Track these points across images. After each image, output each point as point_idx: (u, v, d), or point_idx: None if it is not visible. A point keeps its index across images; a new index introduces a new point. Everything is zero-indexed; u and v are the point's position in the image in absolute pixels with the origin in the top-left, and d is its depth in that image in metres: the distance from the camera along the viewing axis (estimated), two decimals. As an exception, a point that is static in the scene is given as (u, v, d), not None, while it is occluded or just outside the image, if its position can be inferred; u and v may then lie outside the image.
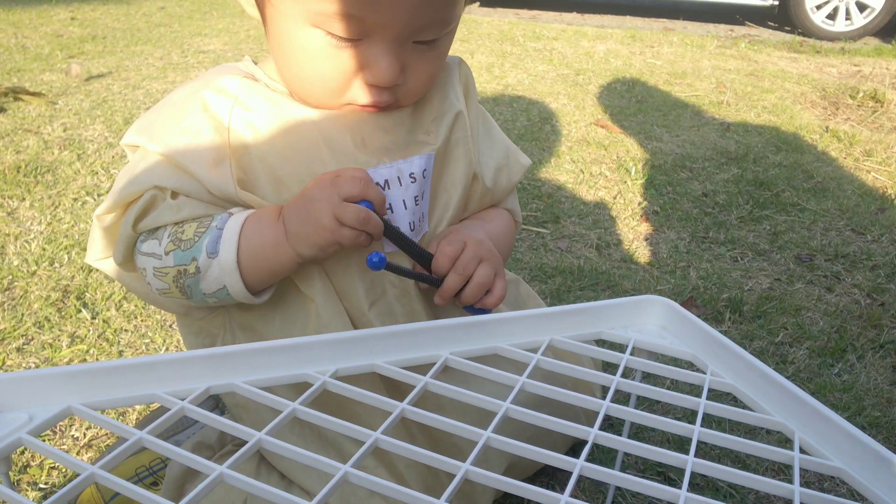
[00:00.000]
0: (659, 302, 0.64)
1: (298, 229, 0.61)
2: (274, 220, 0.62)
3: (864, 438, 0.47)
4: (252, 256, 0.63)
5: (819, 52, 3.86)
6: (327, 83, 0.64)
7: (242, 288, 0.63)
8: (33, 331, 1.13)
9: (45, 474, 0.86)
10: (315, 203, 0.60)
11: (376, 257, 0.59)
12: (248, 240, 0.63)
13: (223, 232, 0.63)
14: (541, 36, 3.95)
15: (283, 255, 0.62)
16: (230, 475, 0.40)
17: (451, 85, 0.75)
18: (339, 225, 0.59)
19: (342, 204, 0.59)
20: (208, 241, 0.63)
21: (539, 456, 0.46)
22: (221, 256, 0.62)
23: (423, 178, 0.69)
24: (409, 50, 0.63)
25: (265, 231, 0.63)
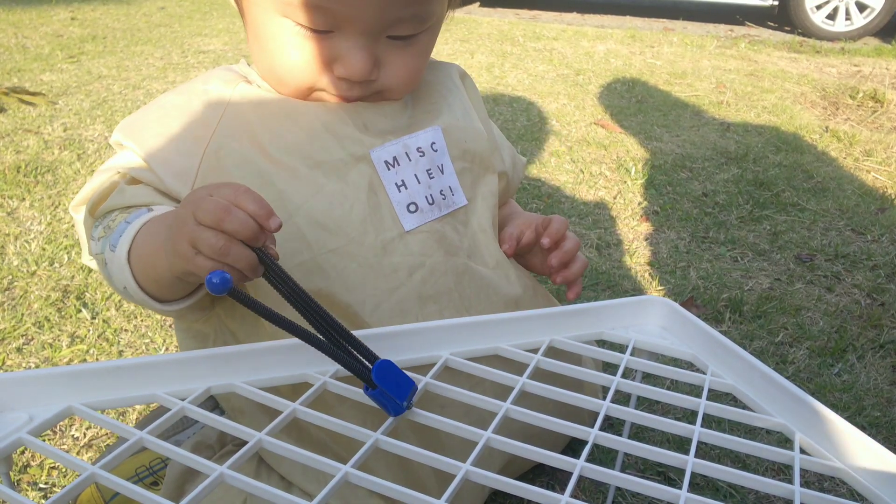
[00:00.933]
0: (659, 302, 0.64)
1: (167, 245, 0.52)
2: (162, 224, 0.56)
3: (864, 439, 0.47)
4: (138, 259, 0.58)
5: (819, 53, 3.86)
6: (298, 74, 0.63)
7: (138, 290, 0.58)
8: (33, 331, 1.13)
9: (46, 474, 0.86)
10: (175, 220, 0.51)
11: (217, 277, 0.43)
12: (139, 241, 0.58)
13: (129, 227, 0.59)
14: (541, 36, 3.95)
15: (161, 264, 0.54)
16: (231, 475, 0.40)
17: (451, 80, 0.76)
18: (194, 252, 0.49)
19: (199, 227, 0.48)
20: (114, 233, 0.60)
21: (539, 456, 0.46)
22: (117, 252, 0.59)
23: (432, 151, 0.69)
24: (384, 45, 0.63)
25: (153, 234, 0.57)
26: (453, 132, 0.71)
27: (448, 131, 0.71)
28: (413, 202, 0.67)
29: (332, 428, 0.46)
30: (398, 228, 0.65)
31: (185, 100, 0.68)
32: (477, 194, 0.72)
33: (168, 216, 0.57)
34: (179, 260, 0.50)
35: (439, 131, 0.70)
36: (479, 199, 0.73)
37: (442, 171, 0.69)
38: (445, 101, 0.73)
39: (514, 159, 0.82)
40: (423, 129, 0.69)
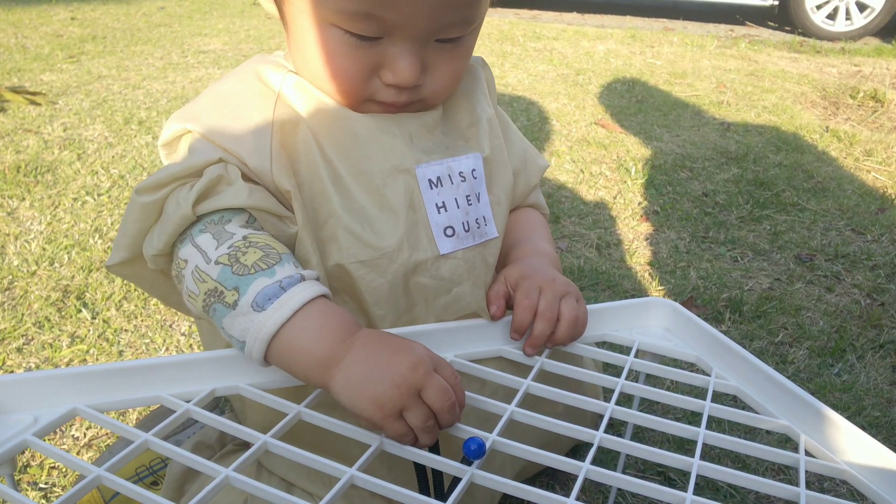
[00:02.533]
0: (663, 304, 0.64)
1: (355, 377, 0.50)
2: (339, 336, 0.53)
3: (869, 441, 0.47)
4: (288, 347, 0.53)
5: (819, 52, 3.86)
6: (346, 81, 0.62)
7: (261, 358, 0.53)
8: (33, 331, 1.13)
9: (46, 474, 0.86)
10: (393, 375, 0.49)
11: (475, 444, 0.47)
12: (297, 331, 0.53)
13: (283, 295, 0.53)
14: (541, 36, 3.95)
15: (314, 376, 0.52)
16: (236, 478, 0.40)
17: (480, 89, 0.73)
18: (397, 416, 0.49)
19: (417, 400, 0.49)
20: (262, 291, 0.53)
21: (544, 459, 0.46)
22: (263, 318, 0.53)
23: (472, 177, 0.68)
24: (432, 49, 0.61)
25: (322, 339, 0.53)
26: (490, 164, 0.70)
27: (487, 161, 0.70)
28: (451, 226, 0.65)
29: (337, 430, 0.46)
30: (433, 250, 0.64)
31: (239, 85, 0.66)
32: (503, 227, 0.71)
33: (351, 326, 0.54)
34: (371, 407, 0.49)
35: (480, 159, 0.69)
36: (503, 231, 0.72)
37: (479, 200, 0.68)
38: (480, 124, 0.71)
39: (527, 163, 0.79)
40: (465, 155, 0.68)
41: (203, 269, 0.55)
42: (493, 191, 0.71)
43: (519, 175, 0.77)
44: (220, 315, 0.54)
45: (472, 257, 0.67)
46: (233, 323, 0.54)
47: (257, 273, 0.54)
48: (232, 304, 0.54)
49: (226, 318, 0.54)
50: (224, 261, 0.55)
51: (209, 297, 0.55)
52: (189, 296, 0.57)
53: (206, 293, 0.55)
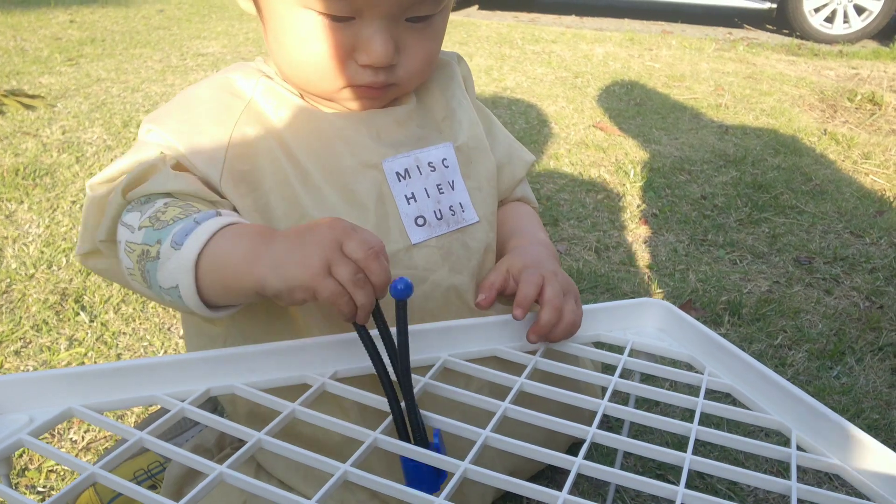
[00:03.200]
0: (657, 305, 0.64)
1: (279, 257, 0.53)
2: (256, 238, 0.56)
3: (860, 435, 0.47)
4: (213, 263, 0.56)
5: (817, 55, 3.87)
6: (321, 65, 0.63)
7: (194, 293, 0.56)
8: (31, 334, 1.13)
9: (44, 477, 0.86)
10: (312, 240, 0.52)
11: (402, 284, 0.49)
12: (217, 244, 0.56)
13: (198, 227, 0.57)
14: (539, 39, 3.95)
15: (246, 275, 0.54)
16: (230, 475, 0.40)
17: (455, 83, 0.75)
18: (326, 273, 0.50)
19: (341, 255, 0.51)
20: (179, 228, 0.57)
21: (537, 455, 0.46)
22: (183, 250, 0.56)
23: (443, 167, 0.69)
24: (403, 28, 0.63)
25: (241, 243, 0.56)
26: (467, 152, 0.72)
27: (460, 150, 0.71)
28: (421, 215, 0.67)
29: (331, 428, 0.46)
30: (405, 241, 0.66)
31: (208, 92, 0.68)
32: (487, 213, 0.73)
33: (265, 230, 0.57)
34: (304, 272, 0.50)
35: (451, 148, 0.70)
36: (489, 217, 0.73)
37: (452, 188, 0.70)
38: (455, 116, 0.73)
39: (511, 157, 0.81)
40: (435, 145, 0.69)
41: (130, 241, 0.58)
42: (472, 177, 0.72)
43: (504, 169, 0.78)
44: (153, 276, 0.57)
45: (448, 244, 0.68)
46: (163, 275, 0.56)
47: (175, 223, 0.57)
48: (156, 255, 0.56)
49: (158, 275, 0.56)
50: (146, 224, 0.58)
51: (141, 263, 0.57)
52: (130, 274, 0.60)
53: (138, 261, 0.58)
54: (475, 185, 0.72)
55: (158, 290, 0.58)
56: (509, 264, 0.67)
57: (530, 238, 0.75)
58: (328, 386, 0.51)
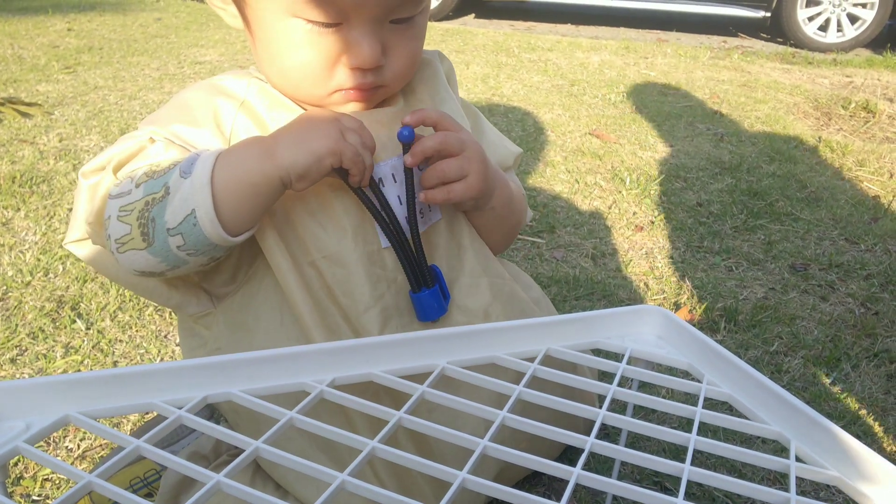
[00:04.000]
0: (655, 312, 0.64)
1: (297, 138, 0.60)
2: (261, 139, 0.62)
3: (860, 447, 0.47)
4: (230, 170, 0.58)
5: (811, 63, 3.89)
6: (312, 71, 0.65)
7: (212, 209, 0.57)
8: (27, 341, 1.13)
9: (39, 486, 0.86)
10: (318, 119, 0.61)
11: (406, 130, 0.64)
12: (227, 155, 0.60)
13: (202, 154, 0.60)
14: (536, 47, 3.97)
15: (268, 165, 0.59)
16: (227, 483, 0.40)
17: (438, 80, 0.77)
18: (343, 139, 0.60)
19: (345, 126, 0.61)
20: (184, 162, 0.60)
21: (536, 464, 0.46)
22: (195, 173, 0.58)
23: (418, 170, 0.70)
24: (388, 30, 0.65)
25: (250, 146, 0.61)
26: None
27: None
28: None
29: (327, 436, 0.46)
30: (377, 244, 0.68)
31: (201, 95, 0.70)
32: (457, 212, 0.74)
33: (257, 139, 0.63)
34: (327, 141, 0.59)
35: None
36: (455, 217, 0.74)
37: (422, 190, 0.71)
38: None
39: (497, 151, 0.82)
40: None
41: (126, 204, 0.60)
42: None
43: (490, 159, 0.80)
44: (160, 219, 0.58)
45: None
46: (174, 209, 0.58)
47: (176, 165, 0.60)
48: (164, 194, 0.58)
49: (167, 213, 0.58)
50: (143, 180, 0.60)
51: (142, 217, 0.59)
52: (122, 244, 0.60)
53: (138, 217, 0.59)
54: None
55: (163, 239, 0.59)
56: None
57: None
58: (326, 394, 0.51)
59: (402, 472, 0.70)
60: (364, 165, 0.61)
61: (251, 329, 0.70)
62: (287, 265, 0.66)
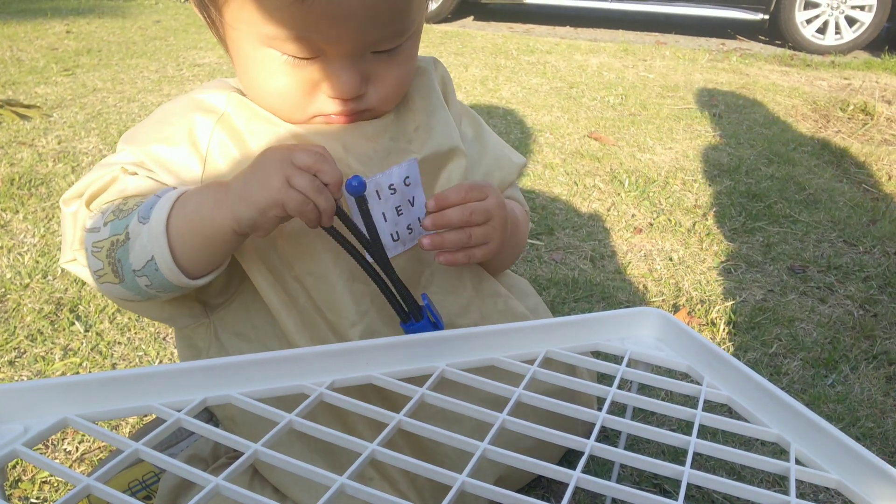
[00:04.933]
0: (655, 314, 0.64)
1: (242, 189, 0.57)
2: (216, 186, 0.60)
3: (861, 451, 0.47)
4: (184, 220, 0.58)
5: (809, 66, 3.90)
6: (290, 99, 0.64)
7: (169, 258, 0.58)
8: (26, 343, 1.13)
9: (37, 489, 0.86)
10: (265, 163, 0.57)
11: (356, 181, 0.57)
12: (183, 204, 0.59)
13: (160, 199, 0.60)
14: (534, 49, 3.97)
15: (219, 217, 0.58)
16: (226, 487, 0.40)
17: (432, 89, 0.74)
18: (287, 186, 0.55)
19: (295, 168, 0.56)
20: (143, 206, 0.59)
21: (535, 467, 0.46)
22: (151, 220, 0.58)
23: (404, 186, 0.68)
24: (370, 60, 0.63)
25: (204, 194, 0.59)
26: (431, 160, 0.71)
27: (425, 161, 0.70)
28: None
29: (327, 439, 0.46)
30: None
31: (180, 107, 0.68)
32: None
33: (215, 185, 0.60)
34: (269, 192, 0.55)
35: (415, 164, 0.69)
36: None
37: (412, 204, 0.69)
38: (428, 124, 0.72)
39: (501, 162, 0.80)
40: (399, 164, 0.68)
41: (97, 241, 0.61)
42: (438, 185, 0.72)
43: (494, 174, 0.78)
44: (125, 261, 0.60)
45: (403, 262, 0.69)
46: (136, 254, 0.59)
47: (139, 206, 0.60)
48: (125, 237, 0.59)
49: (130, 256, 0.59)
50: (110, 218, 0.61)
51: (110, 255, 0.60)
52: (100, 277, 0.62)
53: (107, 255, 0.60)
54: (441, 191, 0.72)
55: (132, 279, 0.60)
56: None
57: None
58: (325, 396, 0.51)
59: (415, 475, 0.69)
60: (315, 212, 0.56)
61: (249, 339, 0.70)
62: (268, 282, 0.65)
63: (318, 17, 0.57)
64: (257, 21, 0.59)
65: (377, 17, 0.59)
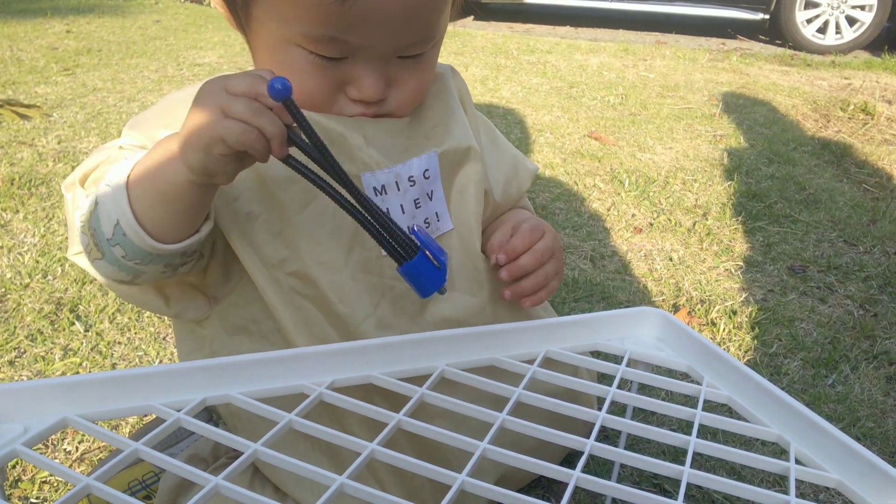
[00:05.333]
0: (655, 314, 0.64)
1: (185, 132, 0.52)
2: (167, 137, 0.55)
3: (860, 450, 0.47)
4: (141, 175, 0.55)
5: (810, 66, 3.90)
6: (312, 98, 0.64)
7: (132, 218, 0.55)
8: (26, 343, 1.13)
9: (37, 489, 0.86)
10: (200, 98, 0.52)
11: (279, 83, 0.47)
12: (142, 162, 0.56)
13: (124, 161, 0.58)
14: (535, 49, 3.97)
15: (171, 167, 0.53)
16: (226, 486, 0.40)
17: (449, 94, 0.75)
18: (223, 116, 0.49)
19: (229, 95, 0.50)
20: (111, 171, 0.57)
21: (535, 467, 0.46)
22: (113, 180, 0.56)
23: (424, 178, 0.69)
24: (395, 65, 0.64)
25: (156, 148, 0.55)
26: (450, 156, 0.71)
27: (445, 155, 0.71)
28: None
29: (327, 439, 0.46)
30: (377, 249, 0.67)
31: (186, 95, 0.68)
32: (467, 218, 0.73)
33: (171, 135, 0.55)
34: (207, 129, 0.49)
35: (435, 157, 0.70)
36: (470, 223, 0.73)
37: (431, 198, 0.70)
38: (446, 123, 0.73)
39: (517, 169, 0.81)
40: (419, 156, 0.69)
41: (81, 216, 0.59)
42: (456, 182, 0.72)
43: (511, 182, 0.79)
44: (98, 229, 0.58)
45: None
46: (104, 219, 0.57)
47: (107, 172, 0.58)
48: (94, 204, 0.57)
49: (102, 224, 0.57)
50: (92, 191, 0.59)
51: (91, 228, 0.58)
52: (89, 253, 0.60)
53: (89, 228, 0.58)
54: (458, 189, 0.72)
55: (108, 250, 0.57)
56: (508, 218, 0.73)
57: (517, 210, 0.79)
58: (325, 396, 0.51)
59: (406, 476, 0.69)
60: (261, 139, 0.50)
61: (250, 332, 0.69)
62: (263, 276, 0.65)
63: (355, 19, 0.57)
64: (290, 18, 0.59)
65: (412, 22, 0.60)
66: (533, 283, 0.69)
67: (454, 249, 0.71)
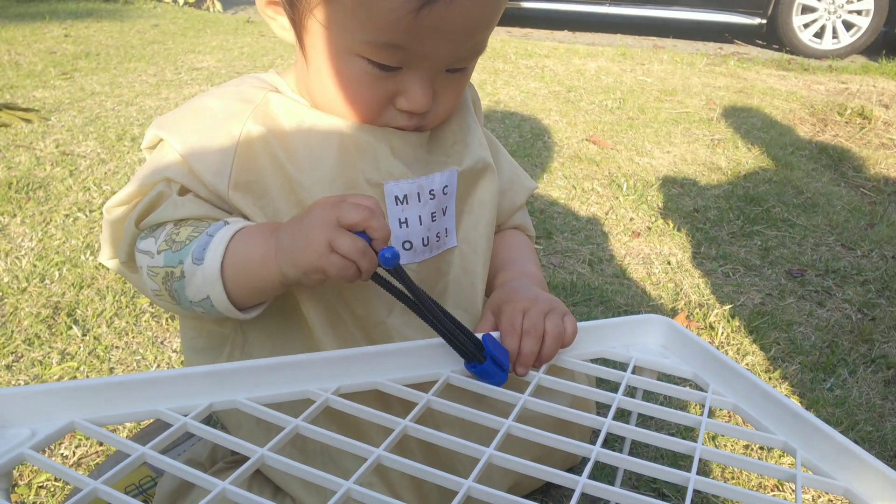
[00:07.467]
0: (660, 321, 0.64)
1: (288, 247, 0.57)
2: (266, 235, 0.60)
3: (868, 458, 0.47)
4: (236, 269, 0.60)
5: (807, 70, 3.91)
6: (363, 108, 0.65)
7: (226, 300, 0.61)
8: (23, 348, 1.12)
9: (34, 493, 0.85)
10: (310, 223, 0.56)
11: (389, 252, 0.53)
12: (235, 251, 0.60)
13: (212, 240, 0.61)
14: (532, 53, 3.98)
15: (268, 271, 0.59)
16: (232, 491, 0.40)
17: (467, 108, 0.76)
18: (329, 251, 0.54)
19: (339, 229, 0.54)
20: (196, 246, 0.61)
21: (541, 473, 0.46)
22: (206, 264, 0.60)
23: (442, 194, 0.70)
24: (441, 77, 0.65)
25: (254, 244, 0.60)
26: (468, 175, 0.73)
27: (464, 175, 0.72)
28: (409, 241, 0.68)
29: (334, 444, 0.46)
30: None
31: (217, 102, 0.69)
32: (475, 238, 0.74)
33: (272, 225, 0.61)
34: (311, 256, 0.55)
35: (455, 175, 0.71)
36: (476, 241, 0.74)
37: (444, 214, 0.71)
38: (465, 140, 0.74)
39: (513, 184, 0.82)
40: (441, 172, 0.70)
41: (152, 265, 0.63)
42: (468, 200, 0.74)
43: (505, 194, 0.80)
44: (181, 293, 0.62)
45: (425, 269, 0.70)
46: (192, 291, 0.61)
47: (191, 241, 0.61)
48: (181, 275, 0.61)
49: (186, 291, 0.61)
50: (164, 247, 0.62)
51: (167, 284, 0.62)
52: (157, 295, 0.64)
53: (164, 283, 0.63)
54: (468, 209, 0.73)
55: (188, 304, 0.63)
56: (490, 305, 0.70)
57: (517, 271, 0.77)
58: (331, 402, 0.51)
59: (416, 482, 0.69)
60: (356, 273, 0.55)
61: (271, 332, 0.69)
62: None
63: (423, 28, 0.58)
64: (356, 27, 0.59)
65: (471, 35, 0.61)
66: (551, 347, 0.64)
67: (453, 266, 0.72)
